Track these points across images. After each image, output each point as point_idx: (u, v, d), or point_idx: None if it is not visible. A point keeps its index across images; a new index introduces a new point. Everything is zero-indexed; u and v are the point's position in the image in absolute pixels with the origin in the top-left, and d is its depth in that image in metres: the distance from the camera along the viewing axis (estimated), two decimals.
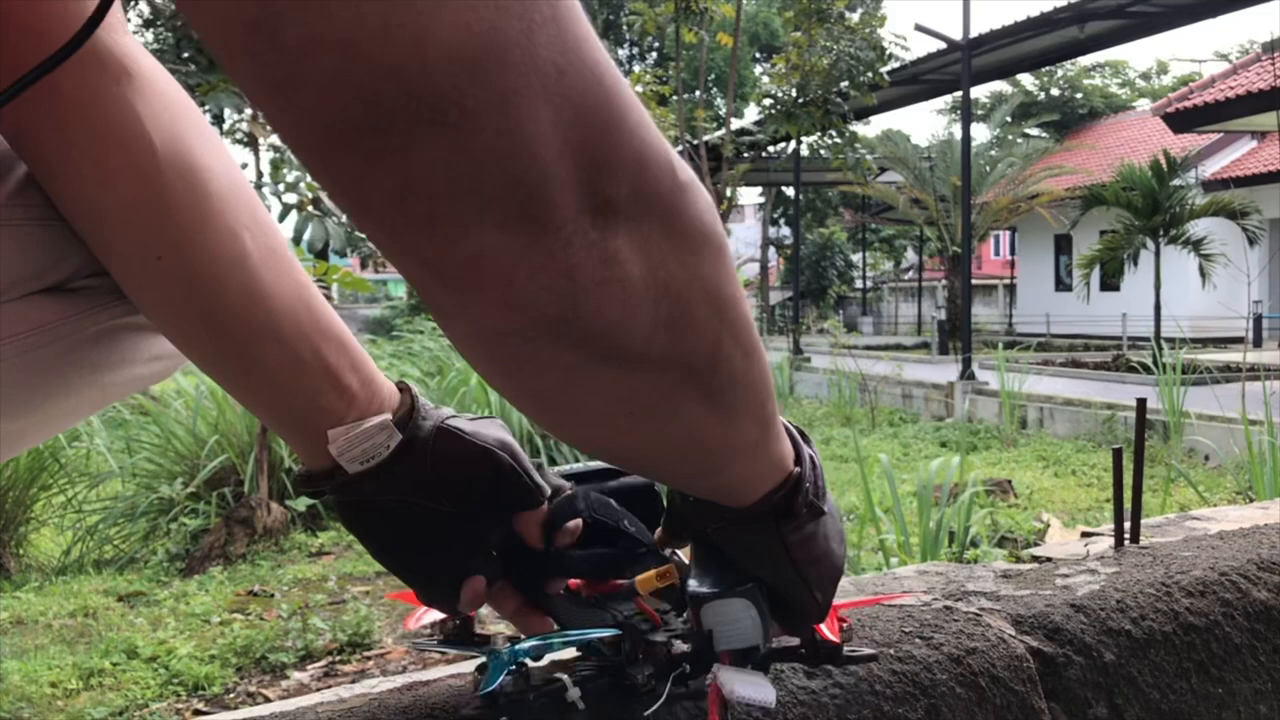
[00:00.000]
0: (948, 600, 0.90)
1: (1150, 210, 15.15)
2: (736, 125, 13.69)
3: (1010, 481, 6.43)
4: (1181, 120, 14.01)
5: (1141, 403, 1.19)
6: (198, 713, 2.87)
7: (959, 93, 13.14)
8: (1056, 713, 0.82)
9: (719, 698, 0.61)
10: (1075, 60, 25.72)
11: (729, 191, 11.14)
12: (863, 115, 16.94)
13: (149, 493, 5.30)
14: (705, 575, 0.64)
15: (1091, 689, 0.85)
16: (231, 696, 3.03)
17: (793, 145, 16.13)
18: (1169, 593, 0.94)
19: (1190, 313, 17.16)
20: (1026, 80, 29.80)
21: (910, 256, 34.58)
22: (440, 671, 0.78)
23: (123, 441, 5.69)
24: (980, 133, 21.46)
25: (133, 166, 0.52)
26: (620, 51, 35.19)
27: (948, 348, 17.28)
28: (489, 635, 0.64)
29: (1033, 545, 3.06)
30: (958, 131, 16.01)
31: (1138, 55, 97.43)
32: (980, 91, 29.87)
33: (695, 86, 14.38)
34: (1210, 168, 21.07)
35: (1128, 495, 1.13)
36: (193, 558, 4.77)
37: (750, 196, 34.69)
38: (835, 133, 13.87)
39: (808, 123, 12.89)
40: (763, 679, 0.62)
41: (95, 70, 0.51)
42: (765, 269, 32.51)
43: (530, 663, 0.62)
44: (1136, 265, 15.65)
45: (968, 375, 10.87)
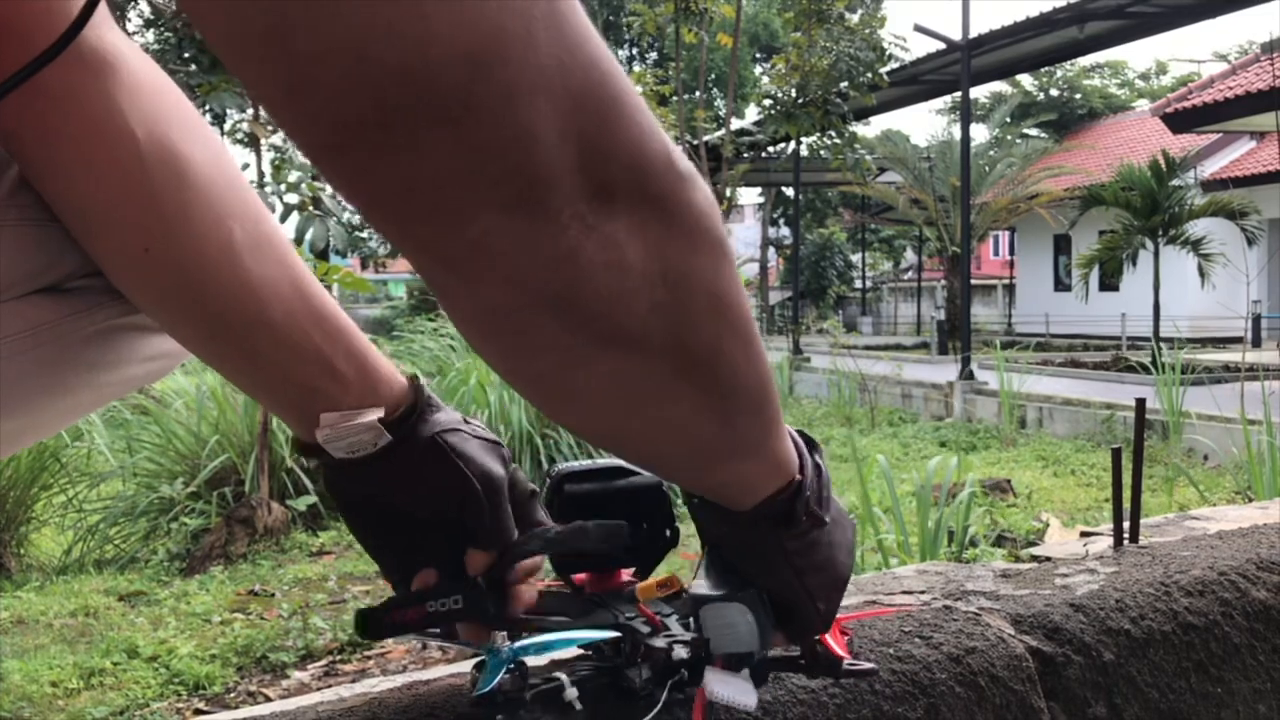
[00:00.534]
0: (947, 600, 0.90)
1: (1149, 210, 15.16)
2: (736, 125, 13.69)
3: (1010, 481, 6.43)
4: (1180, 120, 14.01)
5: (1141, 402, 1.19)
6: (198, 712, 2.87)
7: (958, 93, 13.14)
8: (1056, 712, 0.83)
9: (703, 700, 0.61)
10: (1075, 60, 25.71)
11: (729, 191, 11.14)
12: (862, 115, 16.94)
13: (149, 492, 5.30)
14: (709, 578, 0.64)
15: (1091, 688, 0.85)
16: (232, 696, 3.03)
17: (792, 145, 16.13)
18: (1168, 592, 0.94)
19: (1189, 313, 17.17)
20: (1026, 80, 29.80)
21: (910, 256, 34.58)
22: (440, 671, 0.78)
23: (123, 441, 5.69)
24: (980, 133, 21.47)
25: (117, 161, 0.53)
26: (620, 51, 35.18)
27: (947, 348, 17.28)
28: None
29: (1032, 545, 3.06)
30: (957, 132, 16.01)
31: (1137, 55, 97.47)
32: (980, 92, 29.88)
33: (695, 87, 14.38)
34: (1209, 168, 21.07)
35: (1127, 495, 1.14)
36: (193, 557, 4.78)
37: (750, 196, 34.69)
38: (835, 133, 13.88)
39: (807, 123, 12.89)
40: (747, 684, 0.62)
41: (77, 67, 0.51)
42: (765, 269, 32.49)
43: (529, 661, 0.63)
44: (1135, 265, 15.66)
45: (967, 375, 10.87)
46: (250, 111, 5.81)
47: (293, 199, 5.40)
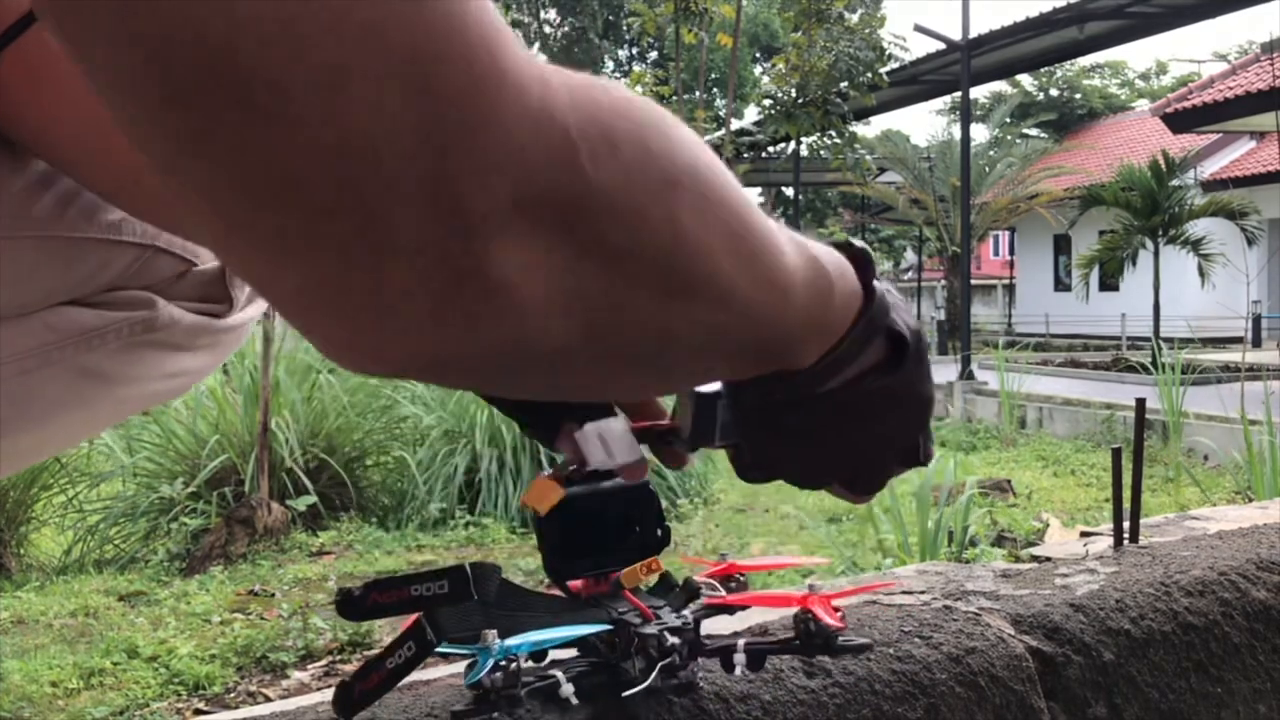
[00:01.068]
0: (947, 600, 0.90)
1: (1149, 210, 15.17)
2: (736, 125, 13.70)
3: (1010, 481, 6.44)
4: (1181, 120, 14.02)
5: (1141, 402, 1.19)
6: (198, 712, 2.87)
7: (958, 93, 13.14)
8: (1056, 712, 0.83)
9: (571, 439, 0.58)
10: (1075, 60, 25.72)
11: None
12: (862, 115, 16.95)
13: (149, 492, 5.30)
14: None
15: (1091, 688, 0.85)
16: (232, 696, 3.03)
17: (792, 145, 16.13)
18: (1168, 592, 0.94)
19: (1189, 313, 17.16)
20: (1026, 80, 29.80)
21: (909, 256, 34.59)
22: (440, 671, 0.78)
23: (123, 441, 5.69)
24: (979, 133, 21.47)
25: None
26: (620, 52, 35.21)
27: (947, 347, 17.28)
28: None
29: (1032, 545, 3.07)
30: (957, 132, 16.01)
31: (1137, 55, 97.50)
32: (979, 92, 29.86)
33: (695, 87, 14.39)
34: (1209, 168, 21.08)
35: (1127, 495, 1.14)
36: (193, 557, 4.78)
37: (750, 196, 34.66)
38: (835, 133, 13.89)
39: (807, 123, 12.90)
40: (634, 444, 0.59)
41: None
42: None
43: (525, 660, 0.63)
44: (1135, 265, 15.67)
45: (967, 375, 10.87)
46: None
47: None
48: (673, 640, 0.64)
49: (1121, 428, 8.23)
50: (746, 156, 15.13)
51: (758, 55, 32.76)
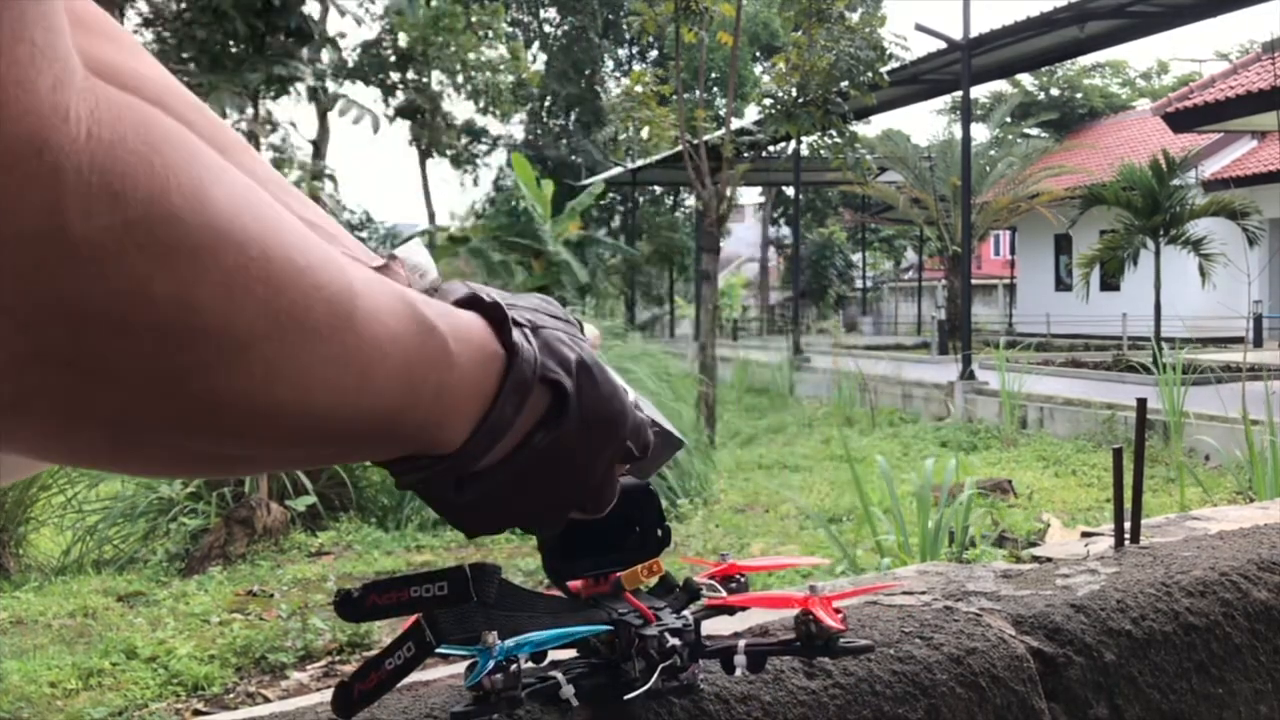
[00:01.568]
0: (948, 600, 0.90)
1: (1150, 210, 15.17)
2: (736, 125, 13.69)
3: (1010, 481, 6.44)
4: (1181, 120, 14.01)
5: (1142, 402, 1.19)
6: (197, 713, 2.87)
7: (959, 93, 13.14)
8: (1057, 713, 0.82)
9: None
10: (1075, 60, 25.73)
11: (729, 191, 11.14)
12: (863, 115, 16.93)
13: (148, 492, 5.30)
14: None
15: (1092, 689, 0.84)
16: (231, 696, 3.03)
17: (792, 145, 16.11)
18: (1169, 593, 0.94)
19: (1190, 312, 17.16)
20: (1026, 80, 29.81)
21: (910, 256, 34.60)
22: (440, 672, 0.77)
23: None
24: (980, 132, 21.48)
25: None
26: (620, 52, 35.21)
27: (948, 348, 17.28)
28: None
29: (1033, 545, 3.06)
30: (958, 131, 16.01)
31: (1138, 55, 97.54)
32: (980, 91, 29.87)
33: (695, 86, 14.38)
34: (1210, 168, 21.09)
35: (1128, 495, 1.13)
36: (192, 558, 4.78)
37: (750, 196, 34.70)
38: (835, 133, 13.88)
39: (808, 123, 12.90)
40: None
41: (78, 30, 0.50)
42: (765, 269, 32.52)
43: (525, 661, 0.62)
44: (1136, 265, 15.67)
45: (968, 375, 10.86)
46: (250, 111, 5.83)
47: None
48: (673, 641, 0.63)
49: (1122, 428, 8.23)
50: (746, 156, 15.13)
51: (758, 55, 32.76)
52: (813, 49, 11.97)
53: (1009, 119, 22.78)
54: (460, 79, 25.23)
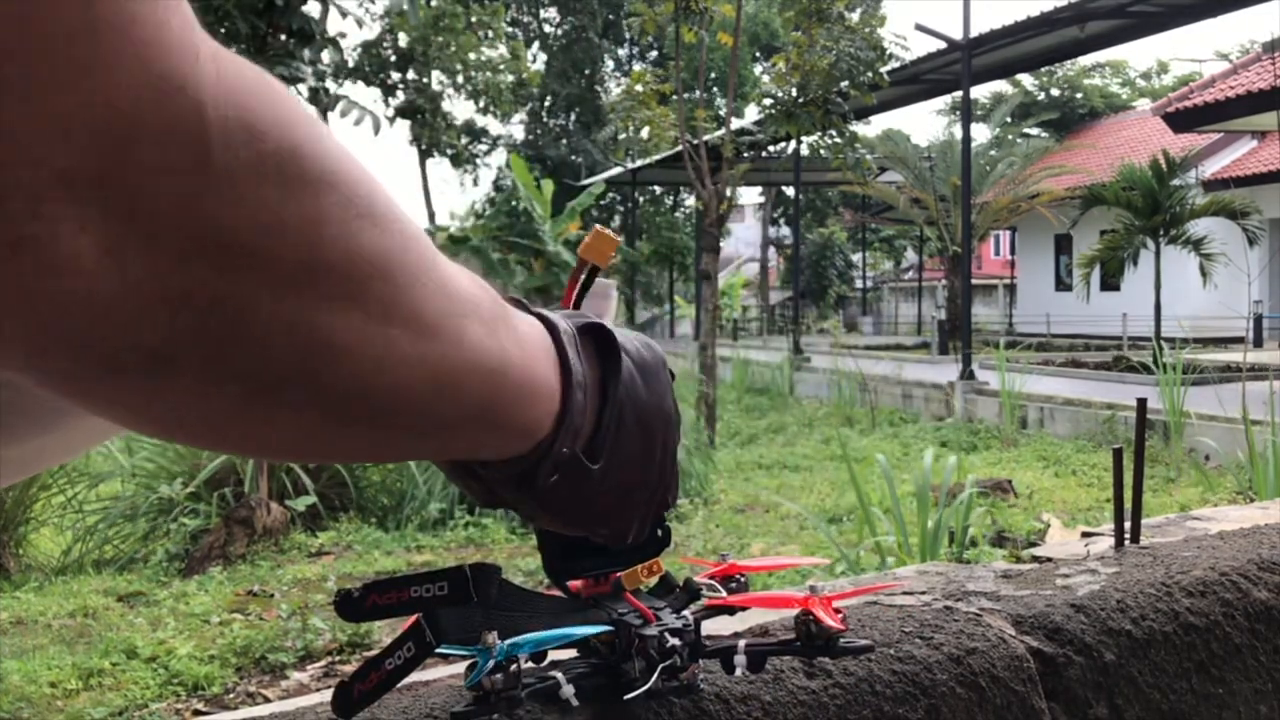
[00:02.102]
0: (948, 600, 0.90)
1: (1150, 210, 15.17)
2: (736, 125, 13.69)
3: (1010, 481, 6.44)
4: (1182, 120, 14.01)
5: (1142, 403, 1.19)
6: (197, 713, 2.87)
7: (959, 93, 13.14)
8: (1057, 713, 0.82)
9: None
10: (1075, 60, 25.73)
11: (729, 191, 11.14)
12: (863, 115, 16.93)
13: (149, 493, 5.30)
14: None
15: (1092, 689, 0.84)
16: (231, 696, 3.03)
17: (793, 145, 16.10)
18: (1169, 593, 0.94)
19: (1190, 312, 17.16)
20: (1026, 80, 29.81)
21: (910, 256, 34.60)
22: (440, 672, 0.77)
23: (122, 441, 5.69)
24: (980, 132, 21.49)
25: None
26: (620, 51, 35.22)
27: (948, 348, 17.28)
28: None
29: (1033, 545, 3.06)
30: (958, 131, 16.01)
31: (1138, 55, 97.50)
32: (980, 91, 29.88)
33: (695, 86, 14.38)
34: (1210, 167, 21.08)
35: (1128, 495, 1.13)
36: (192, 558, 4.78)
37: (750, 196, 34.71)
38: (835, 133, 13.87)
39: (808, 123, 12.89)
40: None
41: None
42: (765, 269, 32.50)
43: (525, 661, 0.62)
44: (1137, 265, 15.67)
45: (968, 375, 10.86)
46: None
47: None
48: (673, 641, 0.63)
49: (1122, 428, 8.23)
50: (746, 156, 15.13)
51: (758, 55, 32.76)
52: (813, 49, 11.97)
53: (1009, 119, 22.79)
54: (460, 79, 25.24)
